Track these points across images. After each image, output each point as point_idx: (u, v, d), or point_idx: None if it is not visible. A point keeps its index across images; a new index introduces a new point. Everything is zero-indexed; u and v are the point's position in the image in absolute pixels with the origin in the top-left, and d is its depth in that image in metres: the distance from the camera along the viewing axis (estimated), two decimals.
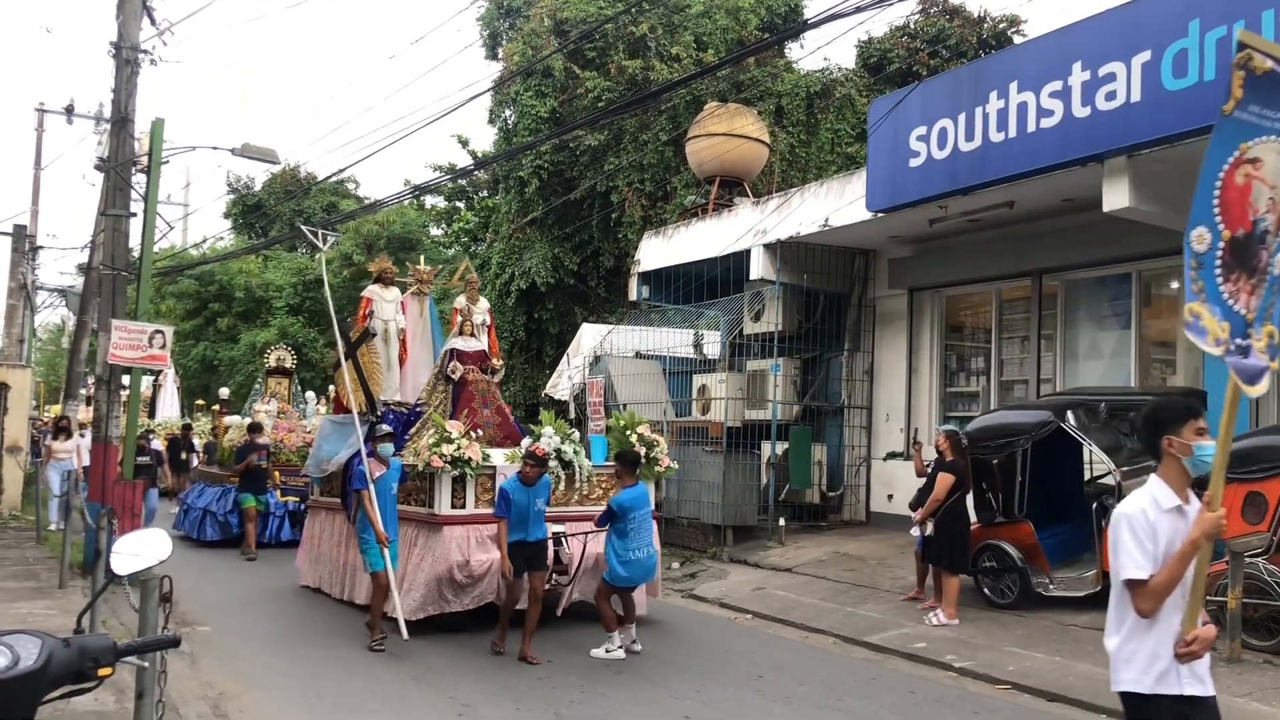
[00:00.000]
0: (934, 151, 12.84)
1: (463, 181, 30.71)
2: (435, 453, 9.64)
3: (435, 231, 36.60)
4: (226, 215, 41.14)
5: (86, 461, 15.97)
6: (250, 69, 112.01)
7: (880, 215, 13.97)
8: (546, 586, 9.22)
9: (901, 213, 13.76)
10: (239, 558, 15.20)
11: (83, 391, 23.08)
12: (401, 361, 12.31)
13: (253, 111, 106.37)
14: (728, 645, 9.71)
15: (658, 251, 18.75)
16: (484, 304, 12.28)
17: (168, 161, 14.22)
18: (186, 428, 21.95)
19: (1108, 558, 9.75)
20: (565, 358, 19.44)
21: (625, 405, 17.28)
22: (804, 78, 22.83)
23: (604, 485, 10.64)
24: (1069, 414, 10.48)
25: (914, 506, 11.03)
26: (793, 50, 25.74)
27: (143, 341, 12.56)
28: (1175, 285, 12.98)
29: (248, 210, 39.97)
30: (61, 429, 18.60)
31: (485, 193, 30.67)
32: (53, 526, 16.34)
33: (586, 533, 9.82)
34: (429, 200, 35.54)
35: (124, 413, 14.01)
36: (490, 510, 9.52)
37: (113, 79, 13.58)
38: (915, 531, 10.76)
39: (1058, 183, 11.93)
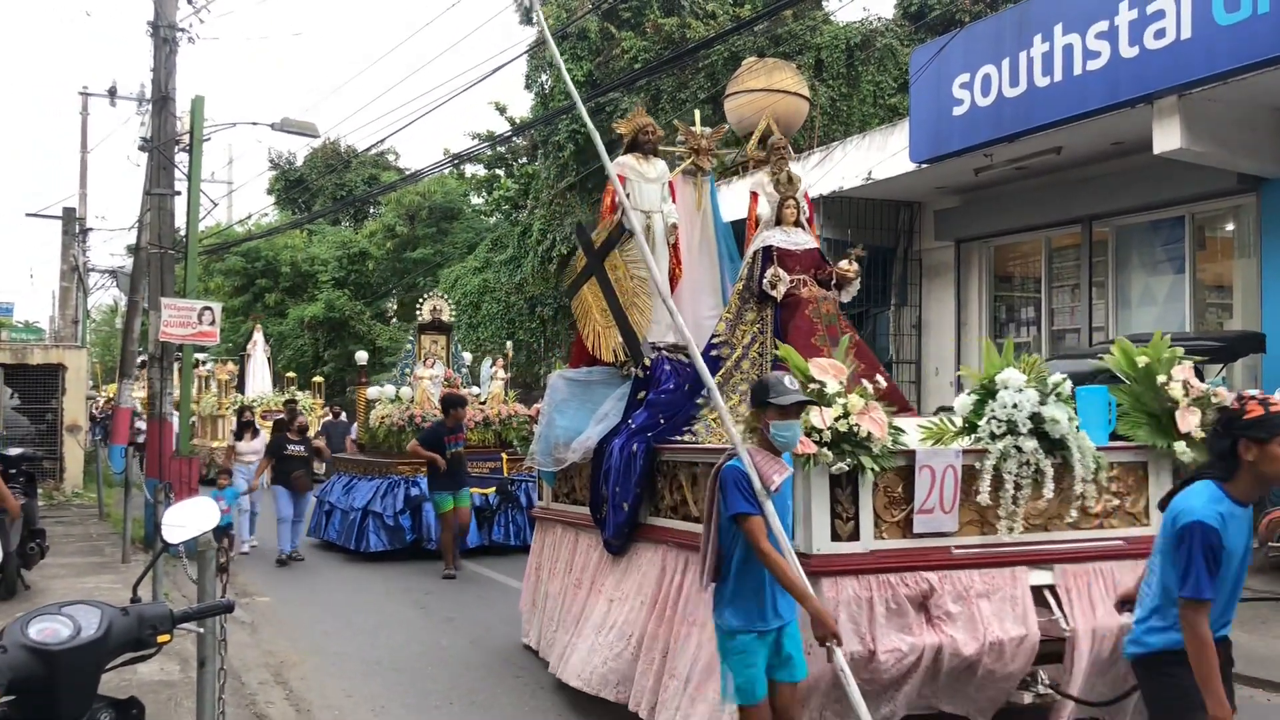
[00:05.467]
0: (978, 99, 12.60)
1: (502, 149, 30.72)
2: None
3: (476, 200, 36.70)
4: (269, 191, 41.52)
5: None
6: (287, 42, 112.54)
7: (924, 166, 13.75)
8: (1040, 691, 5.04)
9: (946, 163, 13.54)
10: (471, 586, 11.09)
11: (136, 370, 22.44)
12: (673, 279, 7.58)
13: (291, 85, 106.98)
14: None
15: None
16: (802, 181, 7.68)
17: (209, 139, 14.36)
18: (292, 404, 16.45)
19: None
20: None
21: None
22: (843, 29, 22.49)
23: (1123, 488, 5.62)
24: None
25: None
26: (831, 1, 25.37)
27: (192, 318, 12.73)
28: (1230, 227, 12.68)
29: (290, 185, 40.28)
30: (246, 425, 14.44)
31: (525, 159, 30.66)
32: (245, 548, 13.24)
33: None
34: (469, 169, 35.60)
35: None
36: (909, 543, 5.10)
37: (152, 59, 13.70)
38: None
39: (1106, 126, 11.66)
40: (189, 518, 2.91)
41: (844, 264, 7.14)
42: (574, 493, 7.41)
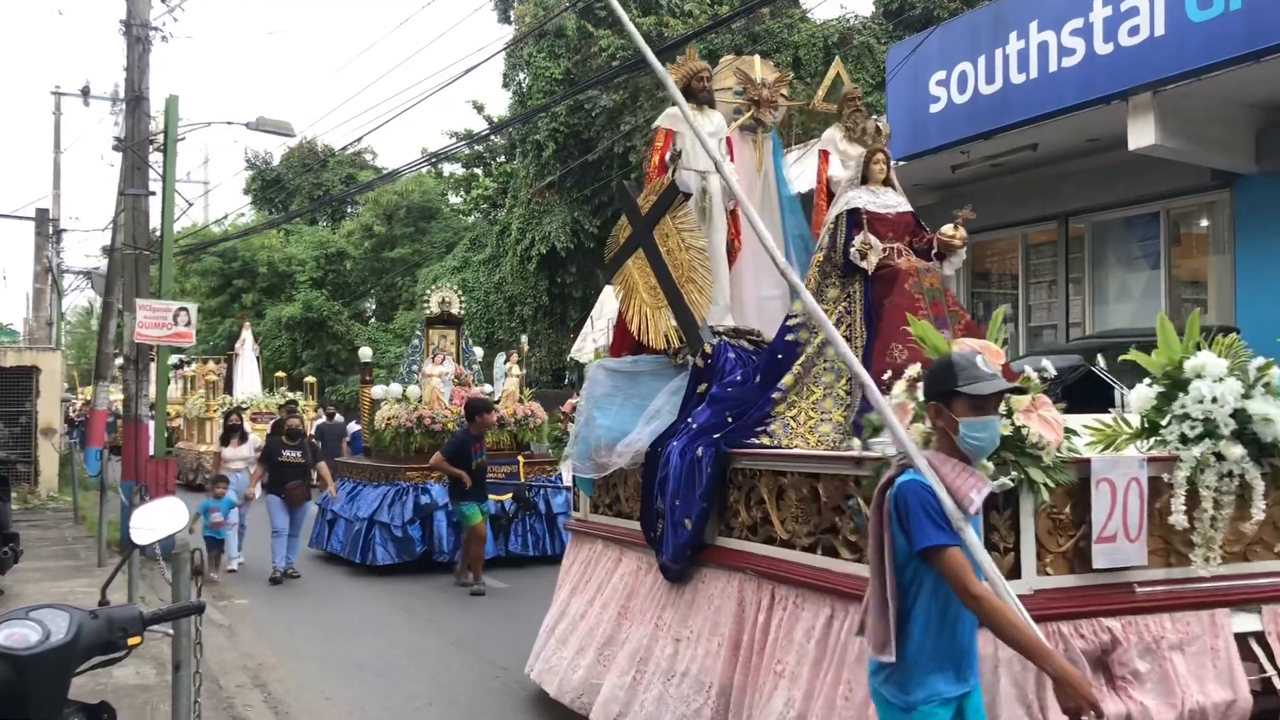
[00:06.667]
0: (954, 96, 12.64)
1: (479, 147, 30.67)
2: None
3: (454, 199, 36.62)
4: (246, 191, 41.29)
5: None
6: (262, 41, 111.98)
7: (901, 163, 13.74)
8: None
9: (923, 160, 13.57)
10: (458, 590, 10.63)
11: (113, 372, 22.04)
12: (731, 252, 6.67)
13: (267, 84, 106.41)
14: None
15: None
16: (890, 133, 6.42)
17: (184, 138, 14.26)
18: (291, 406, 15.29)
19: None
20: (589, 321, 19.43)
21: None
22: (820, 27, 22.56)
23: None
24: (1099, 357, 10.35)
25: None
26: None
27: (167, 320, 12.64)
28: (1204, 223, 12.78)
29: (267, 185, 40.09)
30: (233, 429, 13.32)
31: (503, 158, 30.61)
32: (234, 565, 11.95)
33: None
34: (446, 168, 35.55)
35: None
36: (1081, 579, 4.03)
37: (125, 58, 13.58)
38: None
39: (1081, 122, 11.71)
40: (158, 519, 2.87)
41: (948, 228, 5.65)
42: (618, 503, 6.35)
